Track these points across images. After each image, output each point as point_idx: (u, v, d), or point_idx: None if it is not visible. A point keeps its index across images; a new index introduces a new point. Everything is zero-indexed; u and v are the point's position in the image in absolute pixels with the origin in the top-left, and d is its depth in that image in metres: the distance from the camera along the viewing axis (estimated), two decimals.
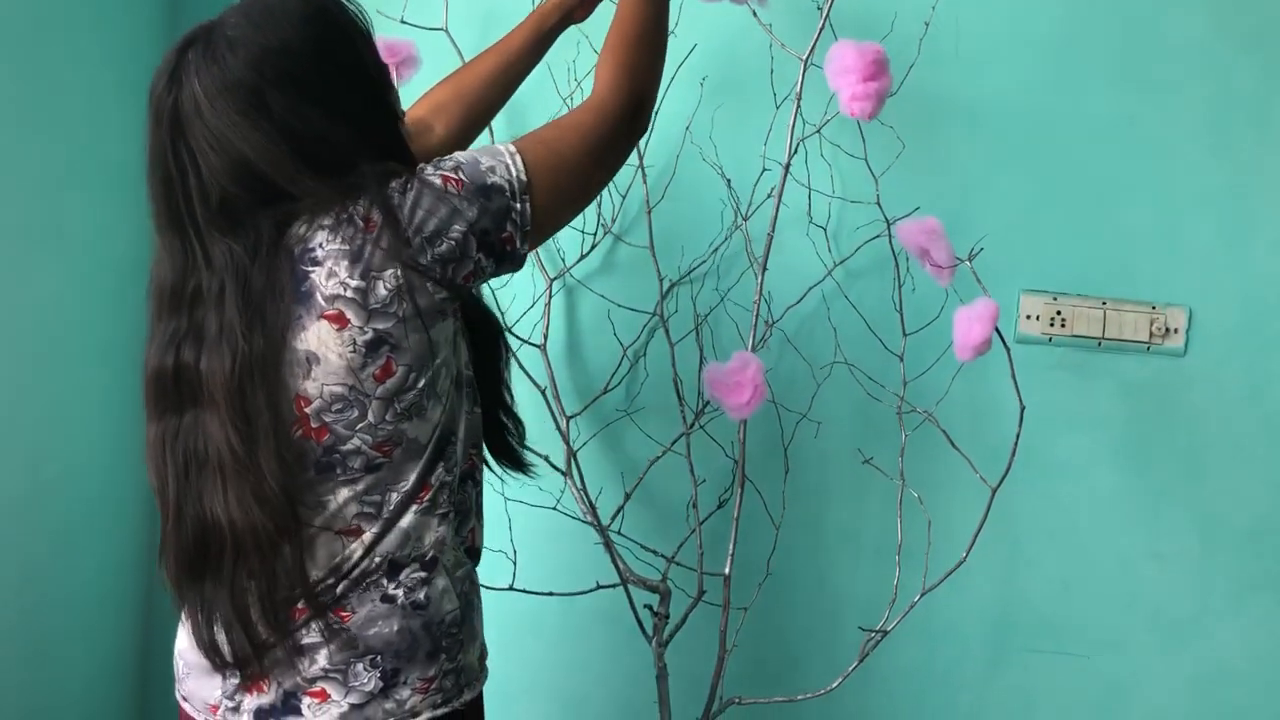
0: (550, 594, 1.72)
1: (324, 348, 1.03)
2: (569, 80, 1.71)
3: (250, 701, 1.09)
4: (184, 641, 1.14)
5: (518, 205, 1.08)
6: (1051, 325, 1.76)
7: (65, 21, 1.59)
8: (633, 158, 1.68)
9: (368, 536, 1.09)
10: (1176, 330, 1.76)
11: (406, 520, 1.10)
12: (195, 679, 1.14)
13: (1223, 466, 1.76)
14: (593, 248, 1.75)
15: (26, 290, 1.58)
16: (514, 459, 1.31)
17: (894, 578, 1.63)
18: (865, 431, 1.72)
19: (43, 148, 1.59)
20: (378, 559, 1.09)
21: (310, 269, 1.03)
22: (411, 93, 1.60)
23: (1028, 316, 1.76)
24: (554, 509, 1.74)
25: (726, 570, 1.63)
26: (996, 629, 1.79)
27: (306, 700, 1.08)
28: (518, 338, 1.72)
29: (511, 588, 1.71)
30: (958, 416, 1.67)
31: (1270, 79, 1.71)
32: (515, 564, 1.73)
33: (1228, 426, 1.76)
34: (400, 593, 1.10)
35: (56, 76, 1.59)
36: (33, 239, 1.58)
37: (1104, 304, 1.76)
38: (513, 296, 1.75)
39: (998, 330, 1.40)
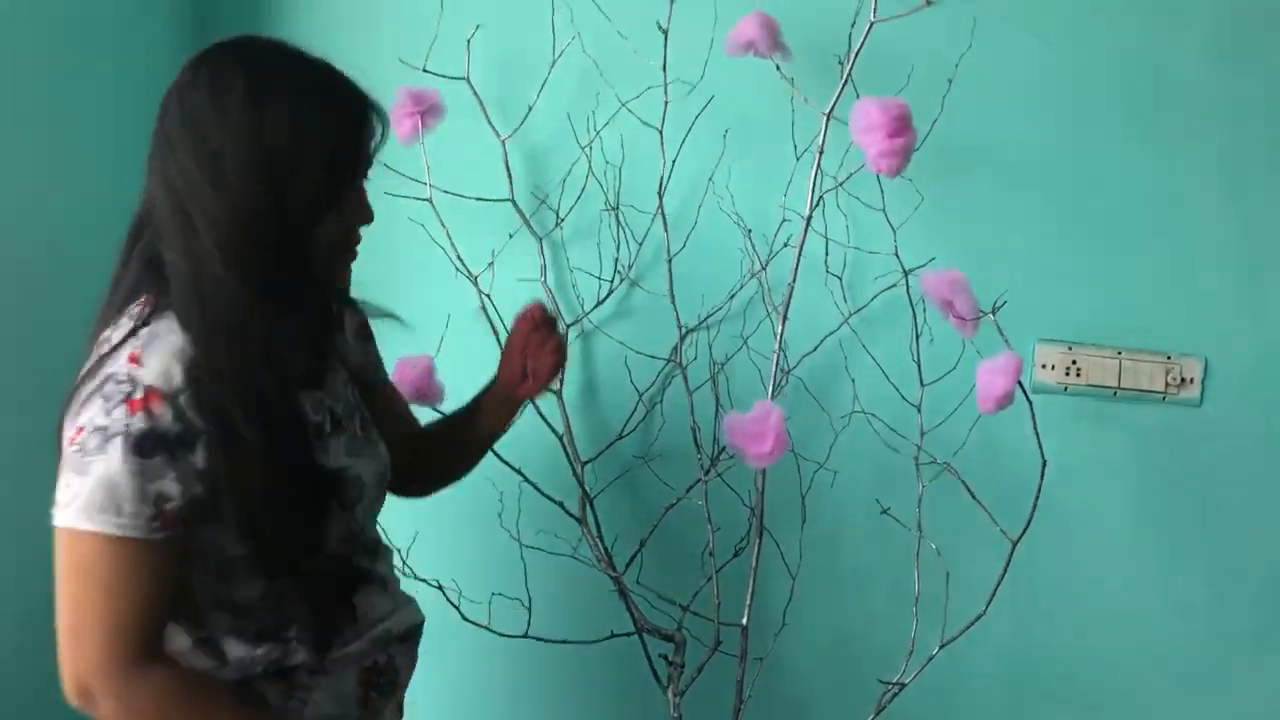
0: (565, 642, 1.71)
1: None
2: (588, 130, 1.72)
3: None
4: None
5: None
6: (1067, 375, 1.76)
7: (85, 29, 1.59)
8: (648, 205, 1.70)
9: None
10: (1192, 380, 1.76)
11: None
12: None
13: (1240, 517, 1.76)
14: (609, 294, 1.75)
15: (26, 291, 1.56)
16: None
17: (911, 629, 1.62)
18: (883, 481, 1.71)
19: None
20: None
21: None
22: (437, 141, 1.62)
23: (1043, 366, 1.76)
24: (571, 557, 1.73)
25: (744, 621, 1.62)
26: (1014, 681, 1.78)
27: None
28: None
29: (526, 635, 1.70)
30: (975, 466, 1.66)
31: None
32: (530, 611, 1.73)
33: (1245, 477, 1.76)
34: None
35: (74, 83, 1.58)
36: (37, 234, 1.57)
37: (1119, 354, 1.76)
38: None
39: (1020, 383, 1.40)
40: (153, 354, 1.02)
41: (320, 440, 1.13)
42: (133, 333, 1.04)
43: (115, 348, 1.03)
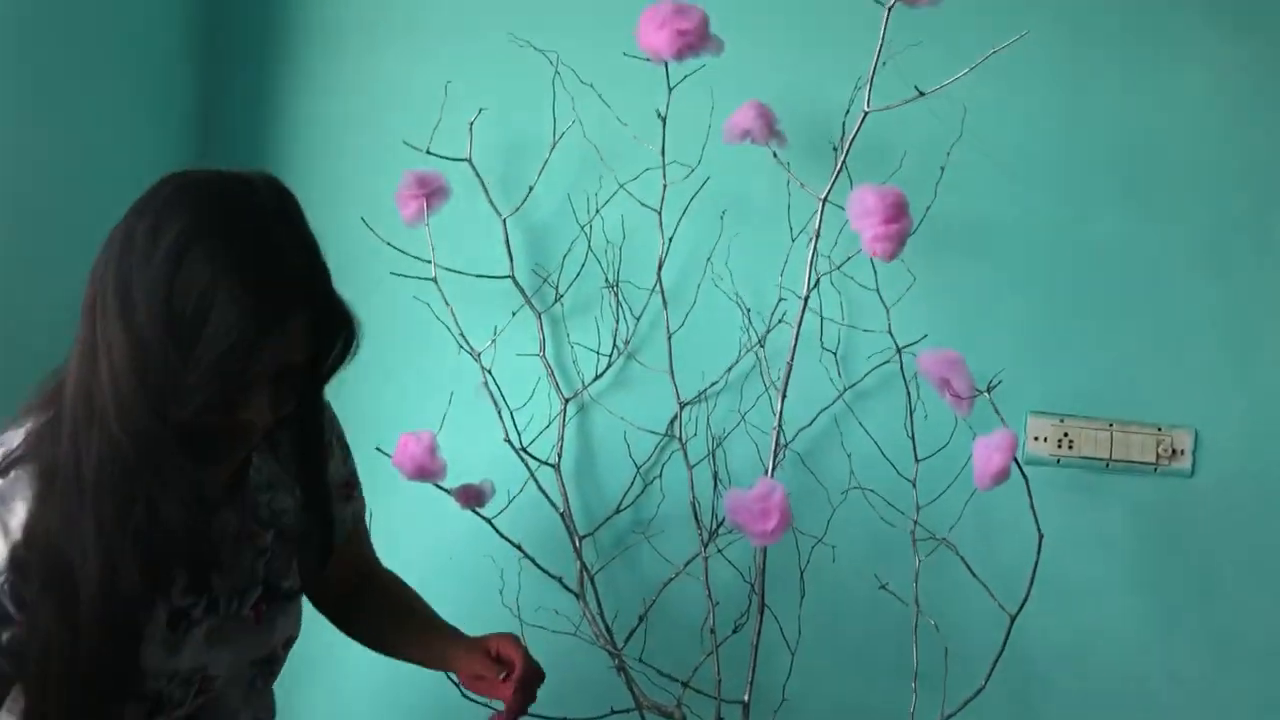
0: (565, 719, 1.71)
1: None
2: (588, 209, 1.76)
3: None
4: None
5: None
6: (1059, 447, 1.79)
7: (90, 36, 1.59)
8: (645, 282, 1.73)
9: None
10: (1183, 451, 1.79)
11: None
12: None
13: (1235, 587, 1.77)
14: (608, 368, 1.78)
15: (31, 296, 1.53)
16: None
17: (911, 704, 1.62)
18: (880, 555, 1.72)
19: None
20: None
21: None
22: (442, 222, 1.65)
23: (1035, 438, 1.79)
24: (572, 634, 1.73)
25: (745, 698, 1.62)
26: None
27: None
28: (535, 458, 1.74)
29: (527, 713, 1.69)
30: (970, 540, 1.68)
31: (1267, 203, 1.77)
32: None
33: (1238, 547, 1.78)
34: None
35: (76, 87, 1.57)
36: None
37: (1110, 425, 1.79)
38: (530, 417, 1.77)
39: (1015, 459, 1.42)
40: (11, 507, 0.94)
41: (175, 633, 1.04)
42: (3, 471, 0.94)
43: None
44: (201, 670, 1.07)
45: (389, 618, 1.37)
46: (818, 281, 1.62)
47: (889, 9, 1.43)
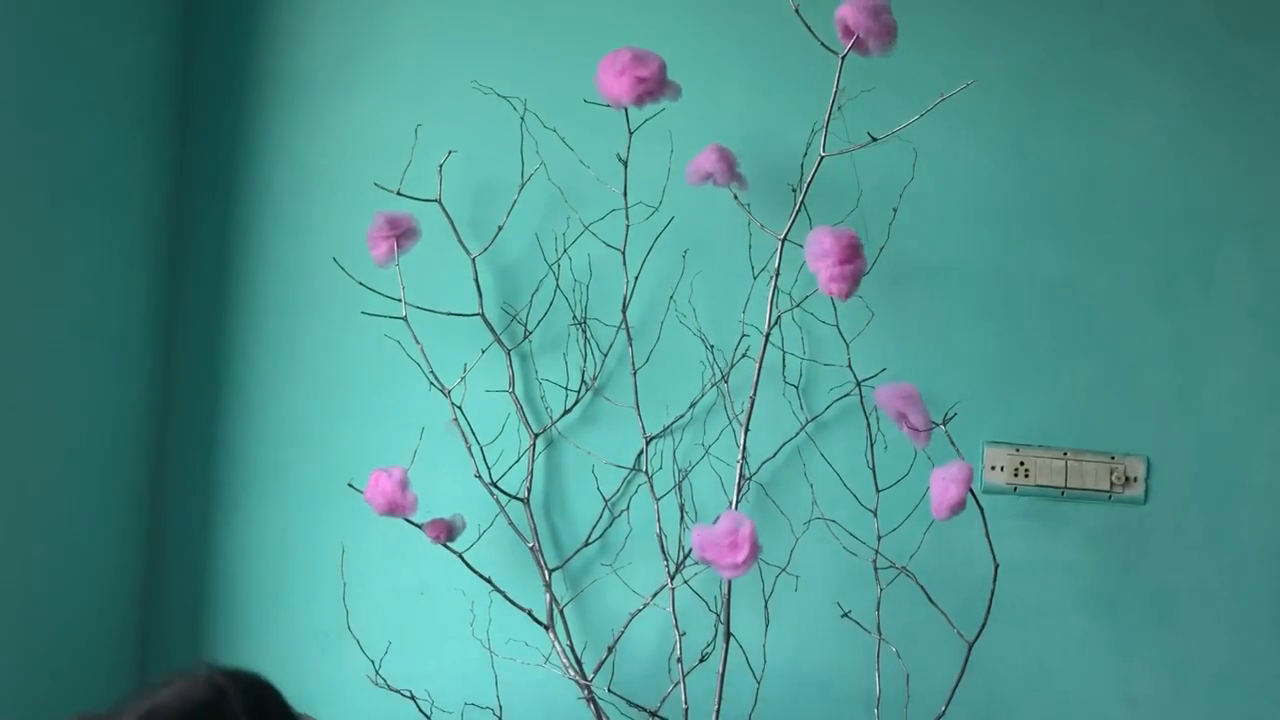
0: None
1: None
2: (556, 248, 1.80)
3: None
4: None
5: None
6: (1016, 475, 1.83)
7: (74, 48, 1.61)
8: (613, 319, 1.77)
9: None
10: (1136, 479, 1.84)
11: None
12: None
13: (1189, 612, 1.82)
14: (576, 403, 1.81)
15: (30, 297, 1.56)
16: None
17: None
18: (843, 584, 1.76)
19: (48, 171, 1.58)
20: None
21: None
22: (412, 261, 1.69)
23: (993, 467, 1.84)
24: (541, 666, 1.75)
25: None
26: None
27: None
28: (505, 493, 1.77)
29: None
30: (930, 569, 1.72)
31: (1211, 239, 1.84)
32: (501, 719, 1.74)
33: (1191, 572, 1.83)
34: None
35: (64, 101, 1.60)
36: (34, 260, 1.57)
37: (1065, 454, 1.84)
38: (500, 452, 1.80)
39: (971, 490, 1.47)
40: None
41: None
42: None
43: None
44: None
45: None
46: (778, 319, 1.66)
47: (842, 57, 1.49)
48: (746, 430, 1.65)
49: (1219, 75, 1.86)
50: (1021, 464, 1.83)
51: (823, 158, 1.53)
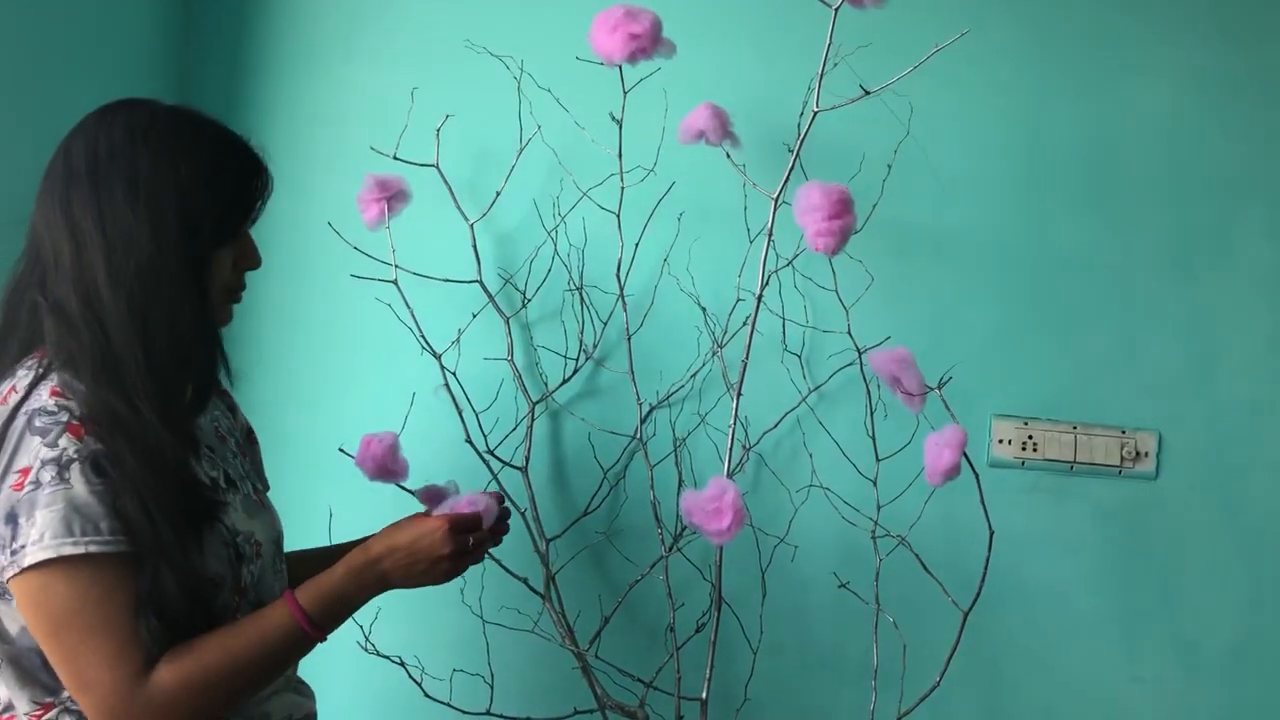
0: (528, 719, 1.71)
1: None
2: (554, 214, 1.78)
3: None
4: None
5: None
6: (1024, 449, 1.80)
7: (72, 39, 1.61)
8: (612, 286, 1.75)
9: None
10: (1147, 454, 1.80)
11: None
12: None
13: (1199, 590, 1.78)
14: (575, 372, 1.79)
15: None
16: None
17: (870, 702, 1.62)
18: (841, 555, 1.73)
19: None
20: None
21: None
22: (409, 225, 1.67)
23: (1000, 441, 1.80)
24: (532, 632, 1.74)
25: (703, 695, 1.63)
26: None
27: None
28: (500, 460, 1.75)
29: (489, 712, 1.70)
30: (932, 540, 1.69)
31: (1227, 210, 1.79)
32: (492, 687, 1.73)
33: (1202, 550, 1.78)
34: None
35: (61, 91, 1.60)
36: None
37: (1075, 428, 1.80)
38: (495, 420, 1.79)
39: (966, 456, 1.43)
40: (73, 391, 1.04)
41: (220, 498, 1.14)
42: (41, 378, 1.05)
43: (27, 393, 1.04)
44: (253, 535, 1.18)
45: (294, 566, 1.37)
46: (769, 279, 1.63)
47: (836, 9, 1.46)
48: (739, 395, 1.62)
49: (1238, 41, 1.80)
50: (1029, 438, 1.80)
51: (816, 112, 1.50)
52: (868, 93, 1.43)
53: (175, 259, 1.08)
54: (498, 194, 1.77)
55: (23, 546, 0.99)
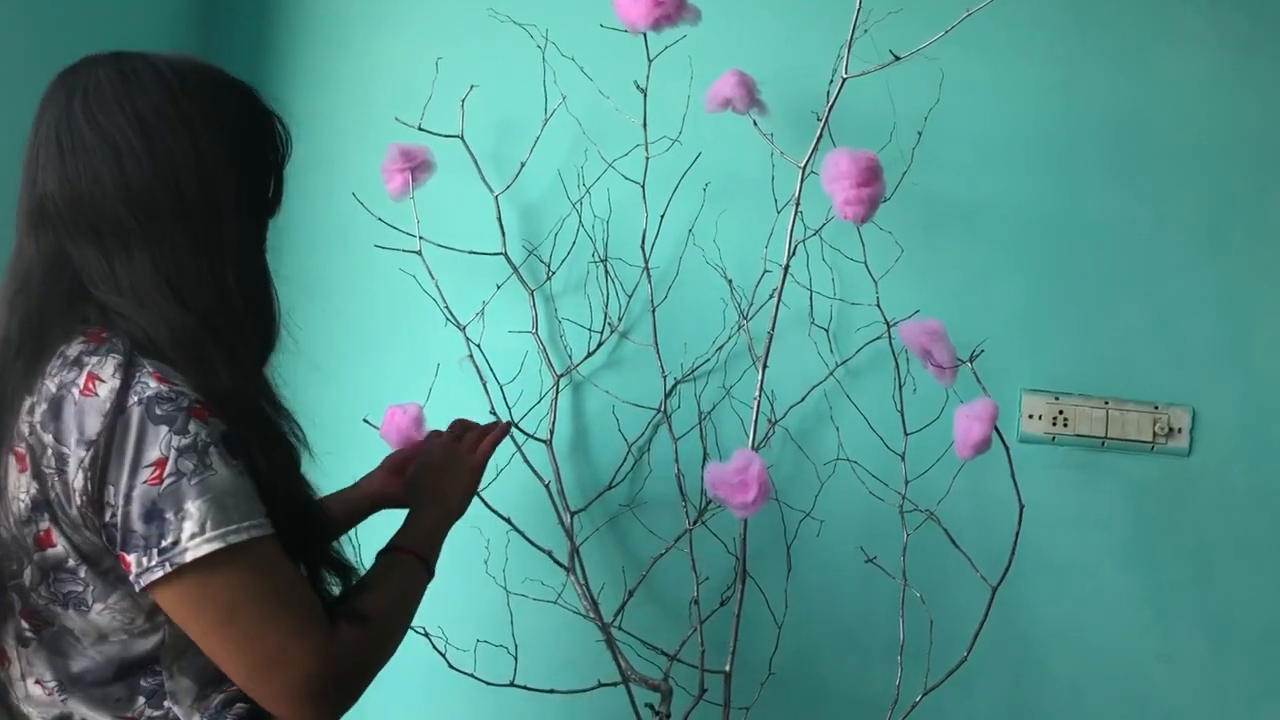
0: (552, 691, 1.71)
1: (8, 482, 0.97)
2: (578, 185, 1.77)
3: None
4: None
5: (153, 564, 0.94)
6: (1054, 425, 1.77)
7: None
8: (637, 258, 1.73)
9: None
10: (1180, 430, 1.77)
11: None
12: None
13: (1231, 568, 1.75)
14: (599, 345, 1.78)
15: None
16: None
17: (896, 677, 1.61)
18: (868, 529, 1.72)
19: None
20: None
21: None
22: (433, 196, 1.67)
23: (1030, 416, 1.77)
24: (555, 603, 1.74)
25: (727, 668, 1.62)
26: None
27: None
28: (524, 432, 1.75)
29: (513, 684, 1.70)
30: (961, 515, 1.67)
31: (1263, 181, 1.75)
32: (516, 660, 1.73)
33: (1235, 527, 1.75)
34: None
35: None
36: None
37: (1106, 404, 1.77)
38: (520, 392, 1.78)
39: (997, 429, 1.41)
40: (171, 373, 0.97)
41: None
42: (132, 363, 0.96)
43: (126, 382, 0.95)
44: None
45: None
46: (796, 249, 1.61)
47: None
48: (764, 367, 1.61)
49: (1274, 8, 1.75)
50: (1060, 413, 1.77)
51: (845, 79, 1.47)
52: (898, 58, 1.40)
53: (250, 230, 1.08)
54: (522, 165, 1.75)
55: (176, 542, 0.93)
